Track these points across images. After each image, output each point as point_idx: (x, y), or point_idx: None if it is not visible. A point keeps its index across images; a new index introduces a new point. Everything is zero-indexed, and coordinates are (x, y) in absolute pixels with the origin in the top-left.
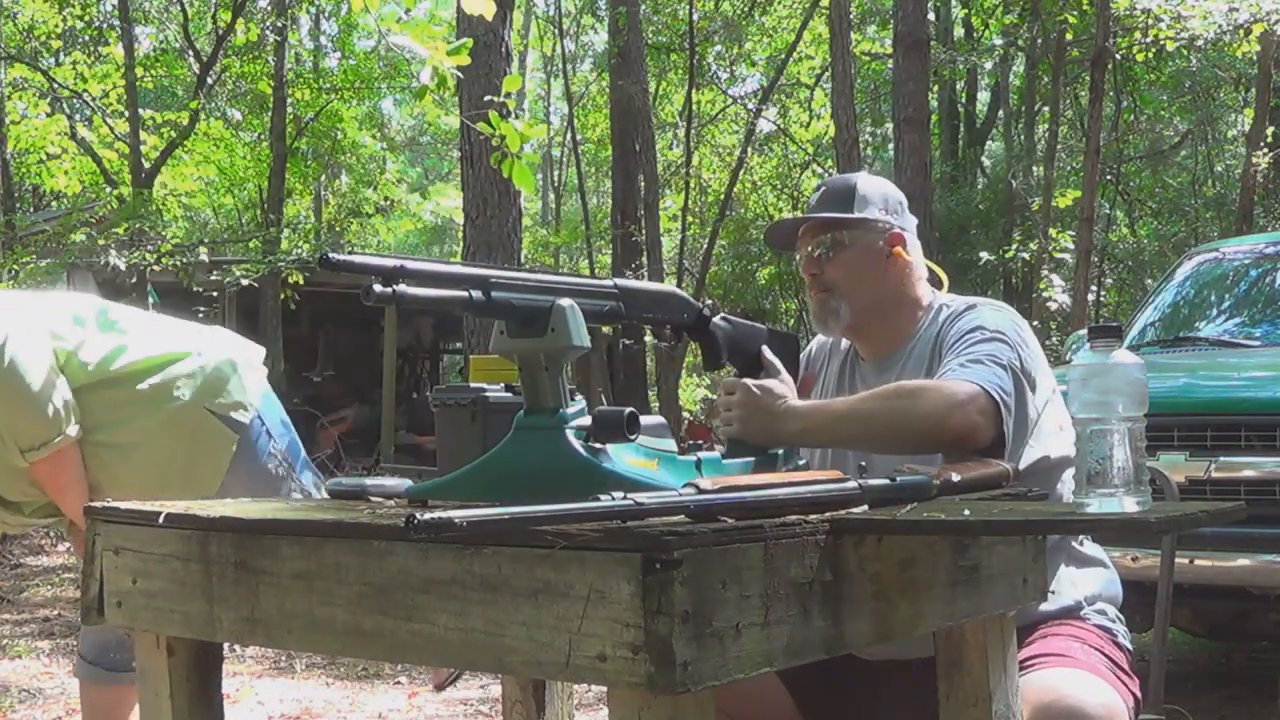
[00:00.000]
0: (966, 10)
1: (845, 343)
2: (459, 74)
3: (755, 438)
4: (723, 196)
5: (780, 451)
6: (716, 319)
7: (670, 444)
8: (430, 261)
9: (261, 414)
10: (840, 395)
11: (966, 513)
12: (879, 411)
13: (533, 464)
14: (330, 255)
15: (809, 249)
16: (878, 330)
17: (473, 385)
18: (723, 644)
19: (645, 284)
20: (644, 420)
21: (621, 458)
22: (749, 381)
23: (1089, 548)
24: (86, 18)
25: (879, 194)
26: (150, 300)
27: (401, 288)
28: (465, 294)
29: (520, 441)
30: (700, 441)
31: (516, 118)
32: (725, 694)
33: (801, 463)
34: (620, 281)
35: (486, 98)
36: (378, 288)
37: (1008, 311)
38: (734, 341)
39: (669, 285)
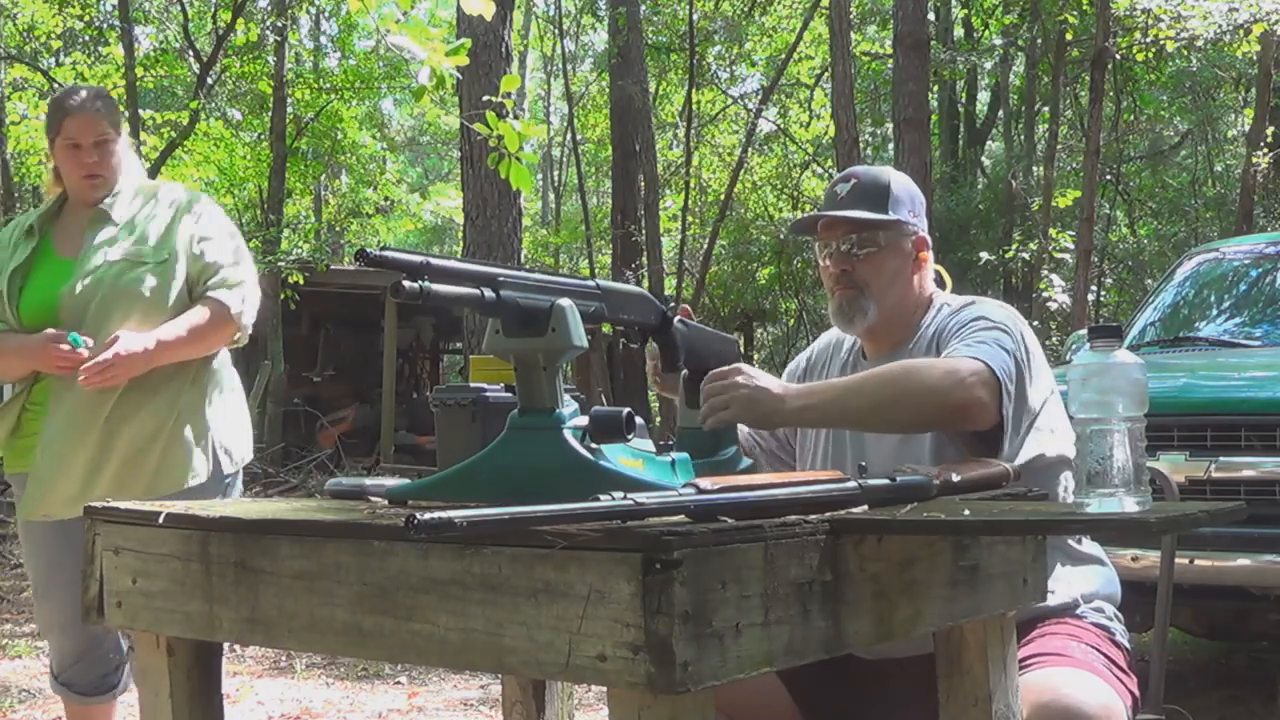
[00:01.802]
0: (966, 10)
1: (847, 343)
2: (458, 74)
3: (752, 417)
4: (723, 196)
5: (729, 455)
6: (676, 322)
7: (649, 445)
8: (451, 259)
9: (238, 479)
10: None
11: (966, 513)
12: (883, 386)
13: (530, 463)
14: (367, 251)
15: (839, 244)
16: (891, 330)
17: (473, 385)
18: (723, 644)
19: (621, 285)
20: None
21: (615, 458)
22: (745, 365)
23: (1087, 546)
24: (86, 18)
25: (908, 195)
26: None
27: (427, 284)
28: (479, 292)
29: (516, 441)
30: (668, 442)
31: (516, 118)
32: (725, 694)
33: (747, 464)
34: (601, 282)
35: (484, 98)
36: (407, 283)
37: (1008, 309)
38: (690, 344)
39: (639, 287)
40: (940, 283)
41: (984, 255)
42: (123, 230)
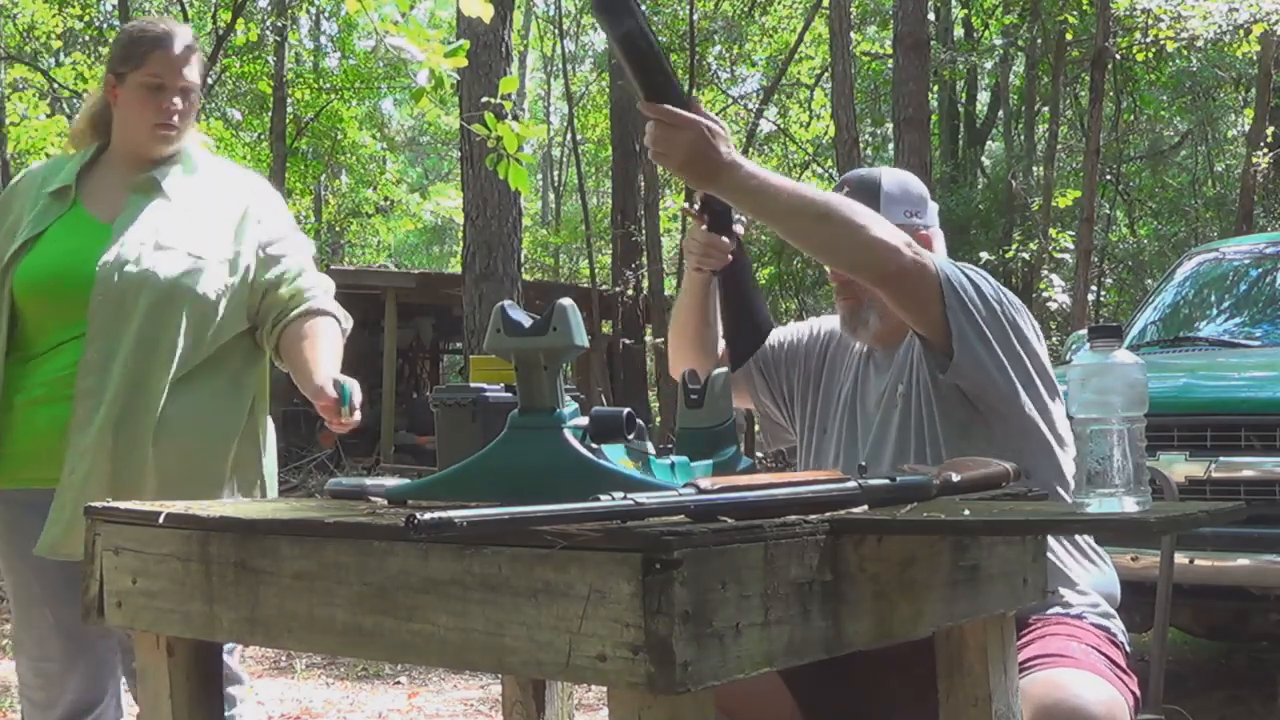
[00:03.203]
0: (966, 10)
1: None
2: (455, 75)
3: (688, 174)
4: None
5: (730, 454)
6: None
7: (649, 446)
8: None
9: None
10: (851, 383)
11: (966, 513)
12: (831, 215)
13: (531, 463)
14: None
15: None
16: (897, 330)
17: (473, 385)
18: (723, 644)
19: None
20: None
21: (614, 458)
22: (712, 122)
23: (1085, 545)
24: (86, 18)
25: (903, 192)
26: None
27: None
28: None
29: (516, 441)
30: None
31: (516, 118)
32: (725, 693)
33: (747, 464)
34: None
35: (483, 99)
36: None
37: (992, 280)
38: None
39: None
40: None
41: (984, 255)
42: (178, 211)
